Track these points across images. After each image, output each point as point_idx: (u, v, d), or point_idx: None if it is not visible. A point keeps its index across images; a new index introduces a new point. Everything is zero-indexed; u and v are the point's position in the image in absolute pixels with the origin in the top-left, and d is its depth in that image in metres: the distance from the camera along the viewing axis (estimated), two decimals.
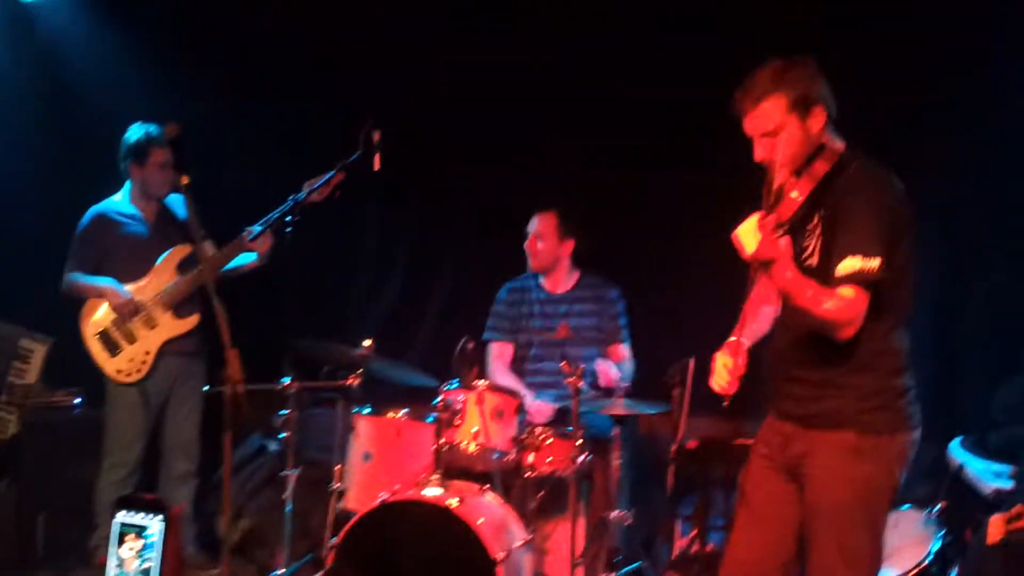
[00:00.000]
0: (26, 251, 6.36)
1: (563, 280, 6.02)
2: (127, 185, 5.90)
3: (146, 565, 3.81)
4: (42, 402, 5.90)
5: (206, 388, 5.73)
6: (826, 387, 3.62)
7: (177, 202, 5.93)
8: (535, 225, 5.97)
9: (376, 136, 5.33)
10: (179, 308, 5.80)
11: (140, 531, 3.77)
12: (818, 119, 3.59)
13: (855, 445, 3.58)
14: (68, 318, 5.80)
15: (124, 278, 5.77)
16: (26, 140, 6.50)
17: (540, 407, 5.63)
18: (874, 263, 3.43)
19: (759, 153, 3.62)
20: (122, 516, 3.52)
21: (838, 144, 3.66)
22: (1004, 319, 5.95)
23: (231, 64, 6.57)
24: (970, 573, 4.82)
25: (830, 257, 3.52)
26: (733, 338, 3.69)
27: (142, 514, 3.48)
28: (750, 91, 3.60)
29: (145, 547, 3.51)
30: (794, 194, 3.53)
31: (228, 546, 5.12)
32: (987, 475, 5.49)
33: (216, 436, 4.57)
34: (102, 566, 3.35)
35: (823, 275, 3.52)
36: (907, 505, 5.29)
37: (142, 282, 5.78)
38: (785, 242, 3.47)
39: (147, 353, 5.74)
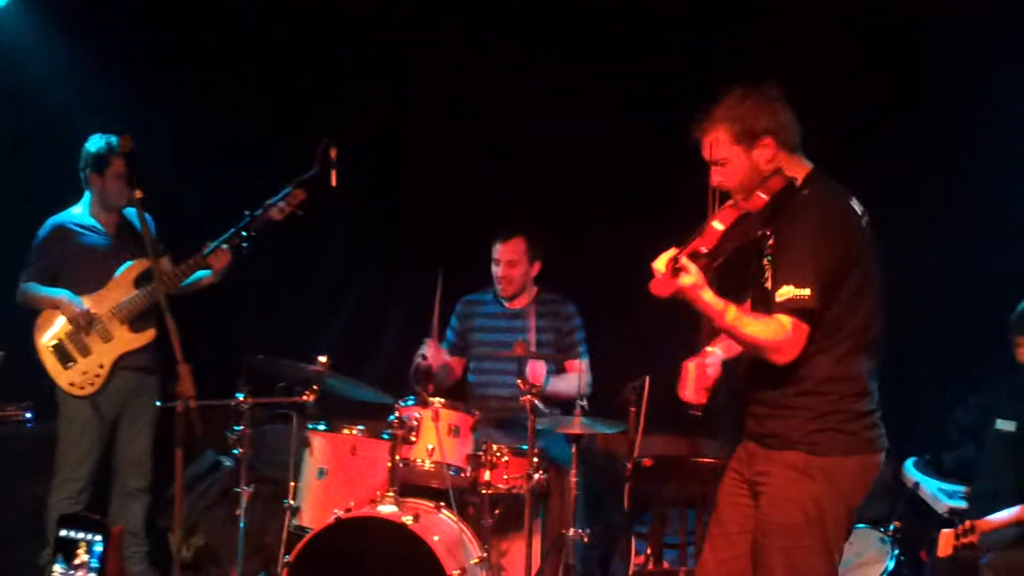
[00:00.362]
0: None
1: (521, 297, 6.01)
2: (86, 196, 5.84)
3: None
4: None
5: (158, 404, 5.66)
6: (778, 407, 3.65)
7: (134, 216, 5.87)
8: (504, 252, 5.91)
9: (333, 153, 5.32)
10: (135, 322, 5.74)
11: (88, 546, 3.74)
12: (765, 150, 3.64)
13: (803, 466, 3.60)
14: (18, 330, 5.73)
15: (81, 290, 5.71)
16: None
17: (536, 369, 5.59)
18: (804, 292, 3.49)
19: (713, 178, 3.71)
20: (64, 534, 3.50)
21: (802, 167, 3.70)
22: (959, 340, 5.99)
23: (190, 76, 6.52)
24: None
25: (774, 282, 3.58)
26: (708, 349, 3.78)
27: (83, 533, 3.45)
28: (702, 121, 3.70)
29: (90, 564, 3.49)
30: (717, 224, 3.57)
31: (180, 563, 5.07)
32: (941, 495, 5.54)
33: (169, 452, 4.53)
34: None
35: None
36: (862, 524, 5.32)
37: (99, 294, 5.73)
38: (694, 272, 3.50)
39: (101, 367, 5.69)
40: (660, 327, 3.95)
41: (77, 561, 3.48)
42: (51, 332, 5.68)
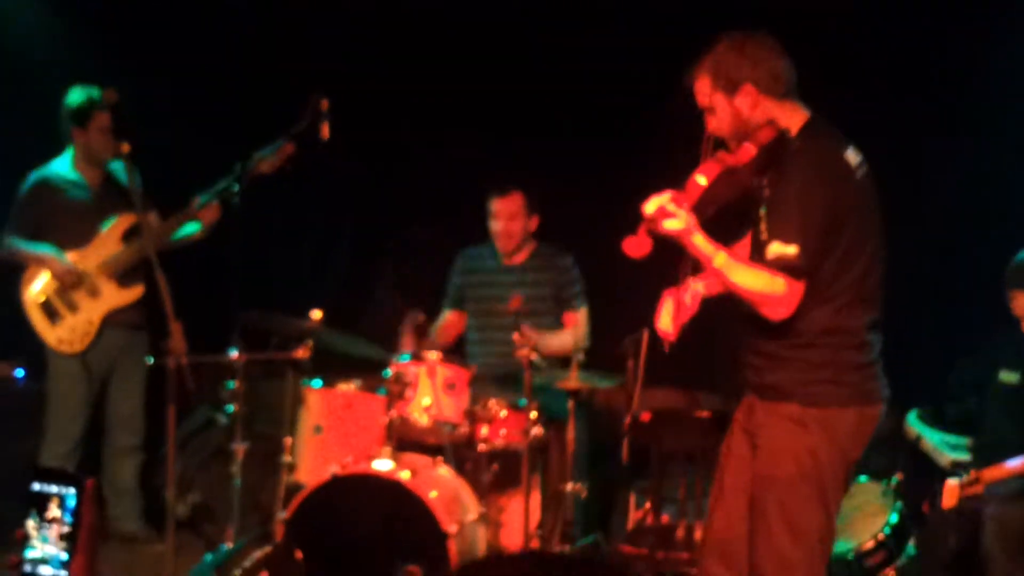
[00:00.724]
0: None
1: (518, 250, 5.93)
2: (69, 150, 5.74)
3: (65, 533, 3.79)
4: None
5: (150, 361, 5.60)
6: (775, 359, 3.64)
7: (121, 169, 5.77)
8: (501, 207, 5.82)
9: (324, 105, 5.25)
10: (123, 278, 5.68)
11: (60, 500, 3.72)
12: (746, 97, 3.63)
13: (799, 417, 3.58)
14: (5, 287, 5.66)
15: (66, 245, 5.63)
16: None
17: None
18: (791, 250, 3.47)
19: (708, 125, 3.72)
20: (37, 487, 3.48)
21: (798, 115, 3.66)
22: (962, 291, 5.94)
23: (178, 29, 6.42)
24: (930, 544, 4.82)
25: (768, 238, 3.57)
26: (690, 282, 3.77)
27: (56, 486, 3.42)
28: (692, 68, 3.72)
29: (64, 518, 3.45)
30: (700, 179, 3.58)
31: (175, 520, 5.04)
32: (944, 447, 5.51)
33: (162, 409, 4.49)
34: (21, 539, 3.31)
35: None
36: (864, 476, 5.29)
37: (85, 250, 5.65)
38: (683, 216, 3.51)
39: (90, 323, 5.63)
40: (659, 279, 3.87)
41: (50, 515, 3.42)
42: (37, 288, 5.61)
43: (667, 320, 3.80)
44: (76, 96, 5.66)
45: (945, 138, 5.95)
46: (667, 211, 3.49)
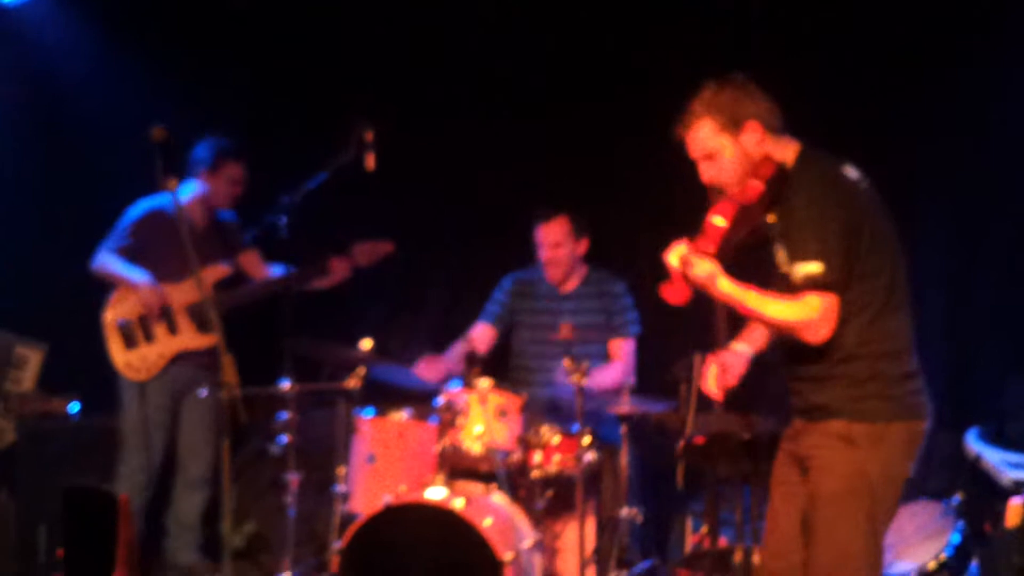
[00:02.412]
0: (18, 256, 6.25)
1: (569, 277, 5.89)
2: (189, 187, 5.81)
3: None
4: (38, 410, 5.81)
5: (203, 394, 5.63)
6: (820, 379, 3.64)
7: (228, 213, 5.95)
8: (547, 234, 5.75)
9: (369, 135, 5.27)
10: (203, 323, 5.72)
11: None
12: (753, 134, 3.66)
13: (847, 433, 3.58)
14: (63, 324, 5.72)
15: (160, 277, 5.69)
16: (12, 143, 6.39)
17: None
18: (816, 267, 3.50)
19: (704, 175, 3.74)
20: (72, 504, 3.53)
21: (790, 147, 3.71)
22: (1019, 309, 5.86)
23: (223, 65, 6.47)
24: (993, 564, 4.75)
25: (790, 265, 3.60)
26: (734, 346, 3.89)
27: (92, 504, 3.47)
28: (684, 119, 3.73)
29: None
30: (718, 220, 3.61)
31: (231, 551, 5.06)
32: (1005, 465, 5.42)
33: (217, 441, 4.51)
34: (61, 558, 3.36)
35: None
36: (924, 496, 5.22)
37: (178, 286, 5.70)
38: (707, 263, 3.56)
39: (161, 356, 5.69)
40: (710, 303, 3.87)
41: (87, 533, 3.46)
42: (122, 311, 5.66)
43: (713, 384, 3.92)
44: (211, 143, 5.83)
45: (994, 149, 5.88)
46: (690, 261, 3.55)
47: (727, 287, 3.57)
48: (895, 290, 3.63)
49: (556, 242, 5.75)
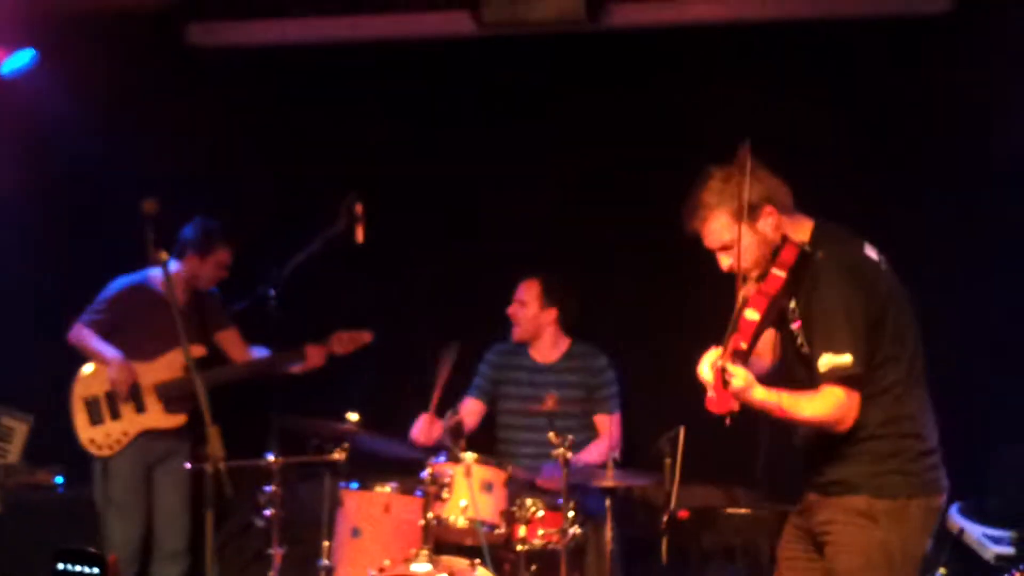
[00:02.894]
0: (4, 327, 6.27)
1: (550, 349, 5.92)
2: (173, 267, 5.82)
3: None
4: (25, 481, 5.81)
5: (188, 466, 5.63)
6: (839, 456, 3.63)
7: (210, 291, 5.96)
8: (518, 294, 5.87)
9: (359, 208, 5.30)
10: (171, 403, 5.73)
11: None
12: (769, 219, 3.64)
13: (867, 510, 3.57)
14: (48, 395, 5.72)
15: (133, 355, 5.69)
16: (3, 214, 6.43)
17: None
18: (846, 360, 3.49)
19: (723, 264, 3.71)
20: (60, 567, 3.53)
21: (805, 224, 3.70)
22: (1003, 379, 5.89)
23: (214, 136, 6.53)
24: None
25: (812, 349, 3.58)
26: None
27: (80, 566, 3.46)
28: (695, 213, 3.69)
29: None
30: (751, 315, 3.53)
31: None
32: (987, 540, 5.43)
33: (200, 514, 4.49)
34: None
35: (809, 369, 3.59)
36: None
37: (149, 364, 5.71)
38: (743, 374, 3.44)
39: (124, 434, 5.69)
40: (693, 375, 3.87)
41: None
42: (91, 387, 5.66)
43: (708, 374, 3.65)
44: (203, 225, 5.83)
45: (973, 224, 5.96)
46: (729, 371, 3.42)
47: (762, 395, 3.49)
48: (915, 368, 3.64)
49: (522, 301, 5.83)
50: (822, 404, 3.52)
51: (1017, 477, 5.51)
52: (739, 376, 3.42)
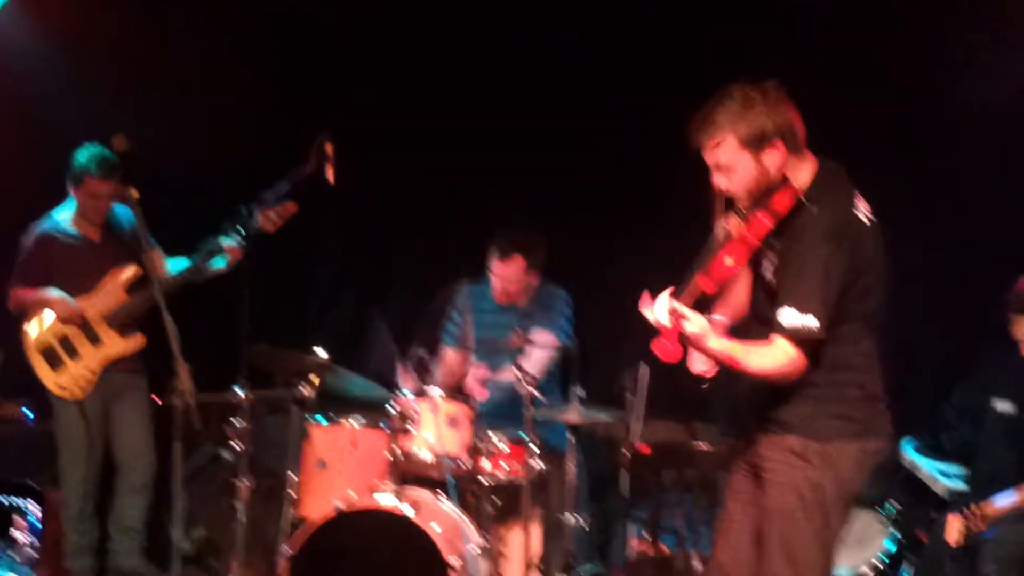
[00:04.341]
0: None
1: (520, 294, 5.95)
2: (71, 201, 5.83)
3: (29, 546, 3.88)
4: None
5: (159, 402, 5.66)
6: (778, 395, 3.61)
7: (124, 213, 5.85)
8: (502, 271, 5.75)
9: (329, 148, 5.29)
10: (124, 328, 5.74)
11: (23, 515, 3.81)
12: (775, 154, 3.53)
13: (801, 450, 3.58)
14: (15, 329, 5.73)
15: (71, 294, 5.70)
16: None
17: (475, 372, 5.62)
18: (810, 321, 3.44)
19: (716, 183, 3.60)
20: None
21: (809, 164, 3.60)
22: (957, 321, 5.99)
23: (184, 74, 6.50)
24: (927, 572, 4.86)
25: (779, 294, 3.52)
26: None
27: (19, 499, 3.50)
28: (704, 125, 3.56)
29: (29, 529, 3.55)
30: (728, 261, 3.47)
31: (180, 556, 5.09)
32: (940, 476, 5.54)
33: (169, 447, 4.54)
34: None
35: (773, 303, 3.53)
36: (859, 505, 5.32)
37: (89, 298, 5.71)
38: (698, 321, 3.39)
39: (90, 371, 5.70)
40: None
41: (14, 528, 3.49)
42: (41, 332, 5.67)
43: (700, 359, 3.69)
44: (81, 155, 5.72)
45: (938, 163, 6.01)
46: (685, 315, 3.35)
47: (716, 345, 3.45)
48: (869, 320, 3.61)
49: (509, 279, 5.76)
50: (772, 359, 3.48)
51: (969, 414, 5.61)
52: (695, 322, 3.37)
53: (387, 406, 5.20)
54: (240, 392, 5.16)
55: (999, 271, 5.13)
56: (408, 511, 4.86)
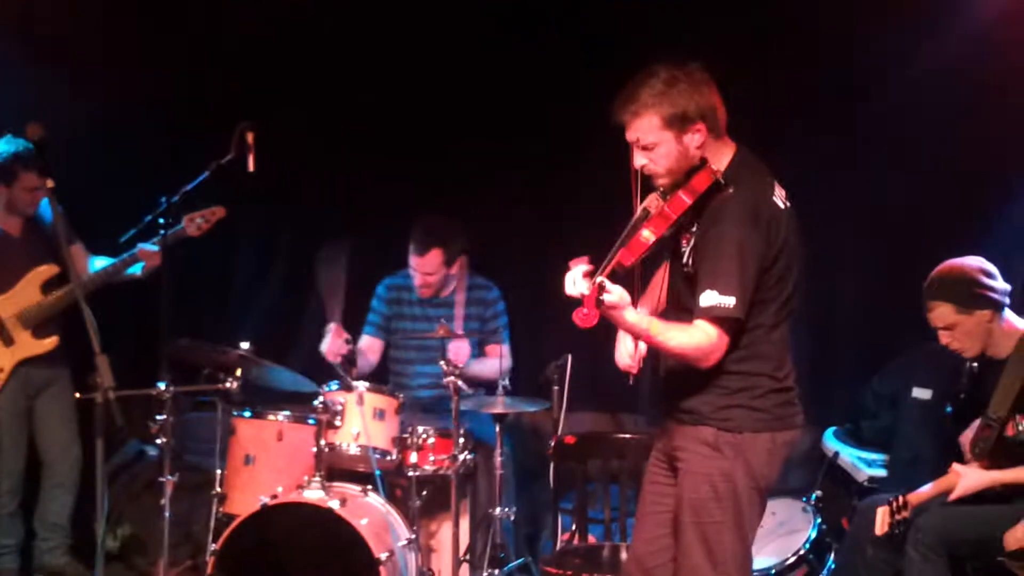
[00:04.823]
0: None
1: (445, 287, 5.94)
2: None
3: None
4: None
5: (77, 396, 5.58)
6: (691, 384, 3.64)
7: (44, 207, 5.75)
8: (421, 265, 5.74)
9: (250, 137, 5.25)
10: (39, 328, 5.64)
11: None
12: (696, 135, 3.56)
13: (713, 441, 3.61)
14: None
15: None
16: None
17: (459, 348, 5.63)
18: (729, 302, 3.46)
19: (636, 161, 3.61)
20: None
21: (727, 148, 3.64)
22: (876, 309, 6.07)
23: (103, 66, 6.41)
24: (850, 560, 4.92)
25: (698, 280, 3.54)
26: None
27: None
28: (627, 103, 3.56)
29: None
30: (648, 234, 3.48)
31: (104, 554, 5.03)
32: (861, 463, 5.64)
33: (91, 444, 4.48)
34: None
35: (693, 291, 3.56)
36: (784, 494, 5.39)
37: (4, 297, 5.62)
38: (617, 293, 3.38)
39: (2, 371, 5.60)
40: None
41: None
42: None
43: (625, 355, 3.73)
44: (4, 149, 5.59)
45: (854, 155, 6.08)
46: (604, 286, 3.34)
47: (633, 317, 3.45)
48: (784, 309, 3.63)
49: (428, 272, 5.76)
50: (690, 338, 3.50)
51: (888, 401, 5.70)
52: (615, 293, 3.37)
53: (314, 400, 5.19)
54: (163, 387, 5.09)
55: (920, 259, 5.20)
56: (335, 505, 4.85)
